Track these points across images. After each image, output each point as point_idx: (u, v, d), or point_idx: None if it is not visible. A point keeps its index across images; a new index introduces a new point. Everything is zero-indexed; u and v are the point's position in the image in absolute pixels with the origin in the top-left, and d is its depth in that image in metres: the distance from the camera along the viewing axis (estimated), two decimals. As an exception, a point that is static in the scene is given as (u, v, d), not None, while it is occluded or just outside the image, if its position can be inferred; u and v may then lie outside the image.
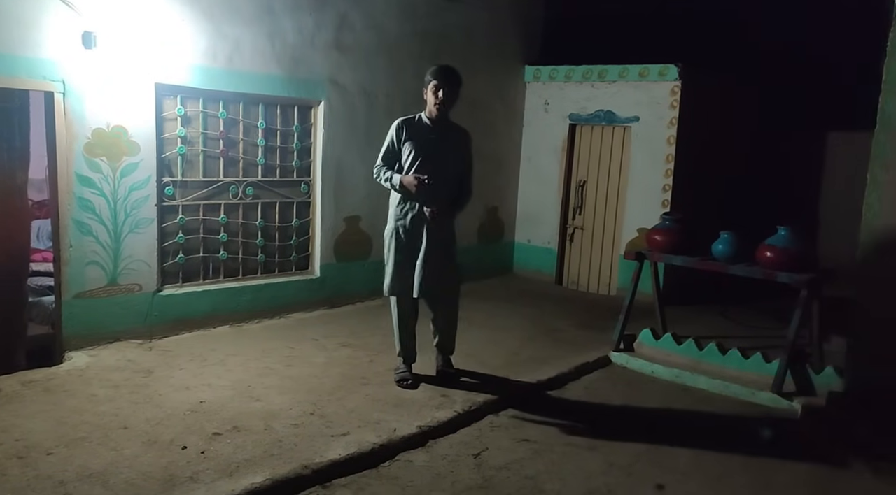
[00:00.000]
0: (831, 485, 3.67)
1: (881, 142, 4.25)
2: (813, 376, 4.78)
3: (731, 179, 7.90)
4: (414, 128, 4.44)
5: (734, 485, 3.61)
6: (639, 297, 5.93)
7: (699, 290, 7.03)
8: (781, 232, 5.06)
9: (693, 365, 5.22)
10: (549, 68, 7.84)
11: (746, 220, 5.61)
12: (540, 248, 8.16)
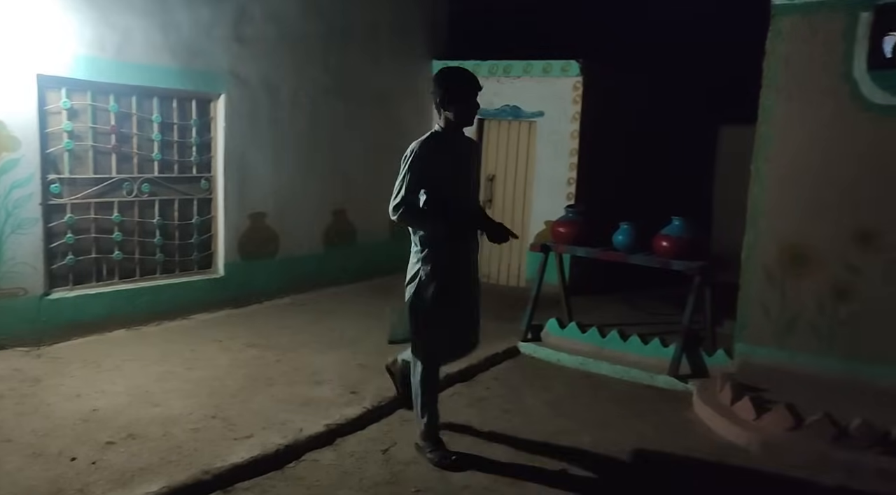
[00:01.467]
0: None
1: (762, 135, 4.53)
2: (706, 358, 5.04)
3: (632, 172, 8.19)
4: (439, 146, 3.54)
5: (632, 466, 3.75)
6: (547, 288, 6.09)
7: (605, 280, 7.27)
8: (675, 222, 5.29)
9: (596, 352, 5.39)
10: (457, 63, 7.87)
11: (647, 211, 5.85)
12: (451, 242, 8.20)
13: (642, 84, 8.14)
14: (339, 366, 4.88)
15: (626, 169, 8.06)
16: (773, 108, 4.44)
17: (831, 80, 4.22)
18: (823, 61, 4.23)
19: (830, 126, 4.26)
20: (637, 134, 8.25)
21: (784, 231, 4.50)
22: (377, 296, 6.97)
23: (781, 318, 4.55)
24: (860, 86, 4.15)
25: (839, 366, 4.37)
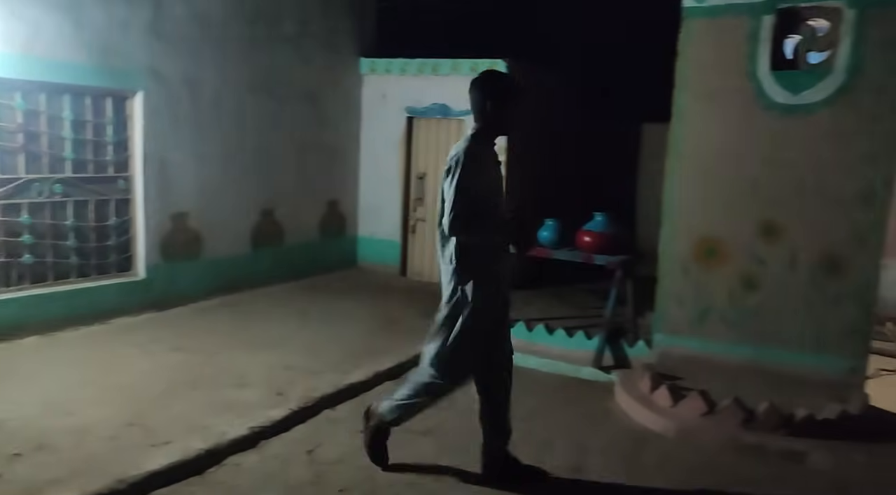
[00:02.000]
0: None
1: (676, 134, 4.69)
2: (628, 350, 5.21)
3: (559, 169, 8.37)
4: (482, 154, 3.27)
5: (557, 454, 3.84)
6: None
7: (535, 276, 7.41)
8: (598, 217, 5.45)
9: (524, 346, 5.47)
10: (386, 61, 7.88)
11: (574, 208, 5.98)
12: (384, 241, 8.20)
13: (568, 83, 8.33)
14: (265, 368, 4.81)
15: (553, 166, 8.22)
16: (685, 108, 4.61)
17: (737, 80, 4.41)
18: (730, 62, 4.41)
19: (737, 124, 4.46)
20: (563, 132, 8.43)
21: (696, 225, 4.68)
22: (307, 296, 6.91)
23: (695, 309, 4.73)
24: (764, 85, 4.35)
25: (748, 352, 4.58)
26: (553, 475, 3.59)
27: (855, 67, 4.11)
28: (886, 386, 4.93)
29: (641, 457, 3.85)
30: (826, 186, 4.30)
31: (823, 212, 4.32)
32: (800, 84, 4.29)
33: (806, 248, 4.39)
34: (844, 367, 4.33)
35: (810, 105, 4.26)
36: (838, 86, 4.17)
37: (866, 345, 4.33)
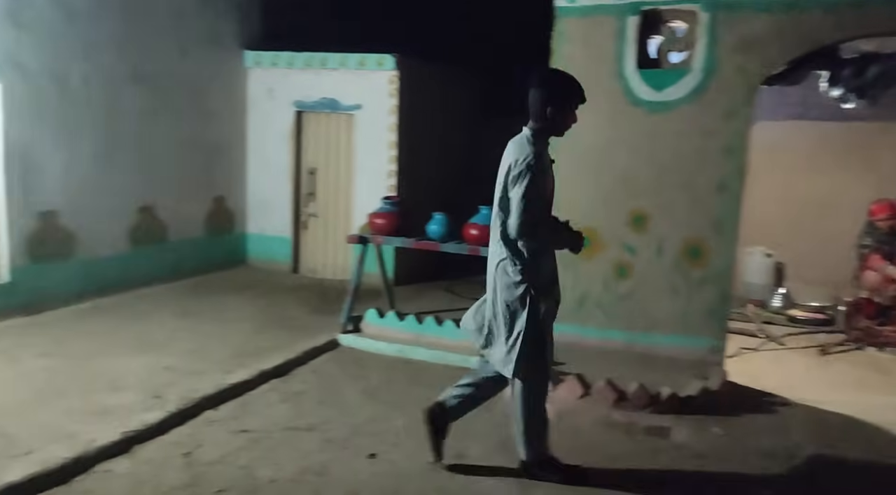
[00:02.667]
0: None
1: (552, 128, 4.87)
2: (513, 338, 5.37)
3: (452, 162, 8.49)
4: (545, 156, 3.32)
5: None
6: (371, 279, 6.19)
7: (430, 269, 7.50)
8: (483, 211, 5.56)
9: (415, 339, 5.55)
10: (272, 54, 7.72)
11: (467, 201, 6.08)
12: (274, 238, 8.05)
13: (459, 77, 8.44)
14: (143, 371, 4.63)
15: (446, 160, 8.33)
16: (561, 103, 4.80)
17: (607, 78, 4.64)
18: (600, 60, 4.64)
19: (609, 120, 4.69)
20: (455, 126, 8.55)
21: (573, 216, 4.83)
22: (192, 297, 6.69)
23: (573, 297, 4.94)
24: (631, 83, 4.60)
25: (621, 336, 4.84)
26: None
27: (710, 67, 4.42)
28: (746, 363, 5.34)
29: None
30: (688, 179, 4.60)
31: (686, 203, 4.63)
32: (663, 82, 4.56)
33: (671, 237, 4.68)
34: (706, 347, 4.66)
35: (672, 102, 4.55)
36: (696, 84, 4.48)
37: (725, 326, 4.68)
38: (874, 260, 6.05)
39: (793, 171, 6.88)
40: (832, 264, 6.85)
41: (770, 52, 4.29)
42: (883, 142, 6.81)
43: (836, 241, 6.85)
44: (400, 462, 3.69)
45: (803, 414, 4.23)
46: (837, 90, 5.04)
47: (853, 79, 4.81)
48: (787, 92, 6.62)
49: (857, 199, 6.72)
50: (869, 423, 4.13)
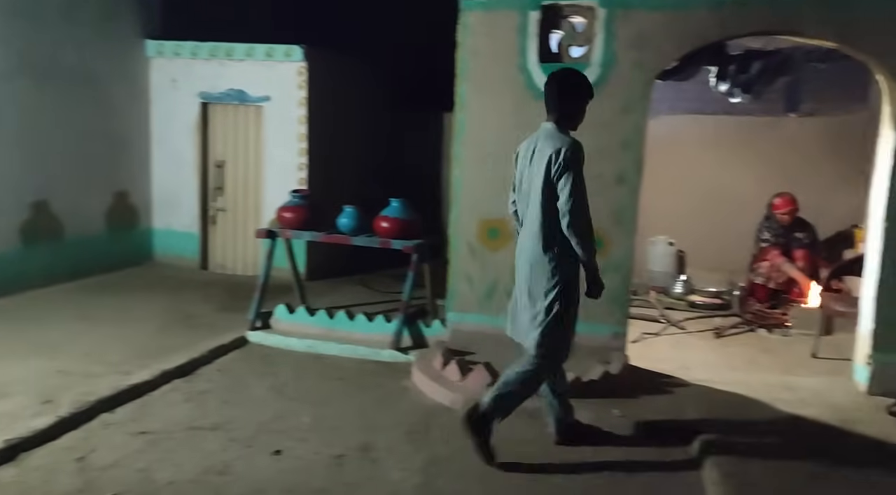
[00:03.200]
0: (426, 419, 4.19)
1: (459, 121, 4.93)
2: (425, 330, 5.40)
3: (364, 155, 8.43)
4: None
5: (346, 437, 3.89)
6: (283, 275, 6.08)
7: (345, 264, 7.43)
8: (394, 203, 5.58)
9: (326, 333, 5.49)
10: (174, 44, 7.44)
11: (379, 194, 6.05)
12: (182, 233, 7.78)
13: (369, 69, 8.38)
14: (33, 376, 4.40)
15: (358, 153, 8.27)
16: (466, 97, 4.85)
17: (510, 72, 4.71)
18: (503, 54, 4.70)
19: (512, 113, 4.76)
20: (368, 119, 8.49)
21: (480, 208, 4.96)
22: (92, 297, 6.39)
23: (482, 287, 5.01)
24: (533, 77, 4.69)
25: (530, 325, 4.93)
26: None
27: (608, 62, 4.56)
28: (648, 347, 5.56)
29: (429, 431, 4.02)
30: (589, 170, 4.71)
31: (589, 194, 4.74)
32: (564, 76, 4.66)
33: (575, 227, 4.80)
34: (609, 333, 4.82)
35: (573, 96, 4.66)
36: (595, 78, 4.58)
37: (626, 313, 4.85)
38: (773, 255, 6.38)
39: (692, 164, 7.21)
40: (729, 252, 7.23)
41: (663, 47, 4.46)
42: (770, 135, 7.23)
43: (732, 230, 7.24)
44: (306, 457, 3.65)
45: (698, 394, 4.45)
46: (724, 85, 5.31)
47: (738, 74, 5.08)
48: (684, 87, 6.92)
49: (750, 190, 7.12)
50: (757, 400, 4.38)
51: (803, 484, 3.36)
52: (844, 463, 3.56)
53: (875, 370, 4.42)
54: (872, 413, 4.16)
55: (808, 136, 7.19)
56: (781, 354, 5.47)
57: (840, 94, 6.99)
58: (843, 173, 7.09)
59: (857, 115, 7.01)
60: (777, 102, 7.13)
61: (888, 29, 4.16)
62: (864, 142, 6.77)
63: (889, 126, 4.34)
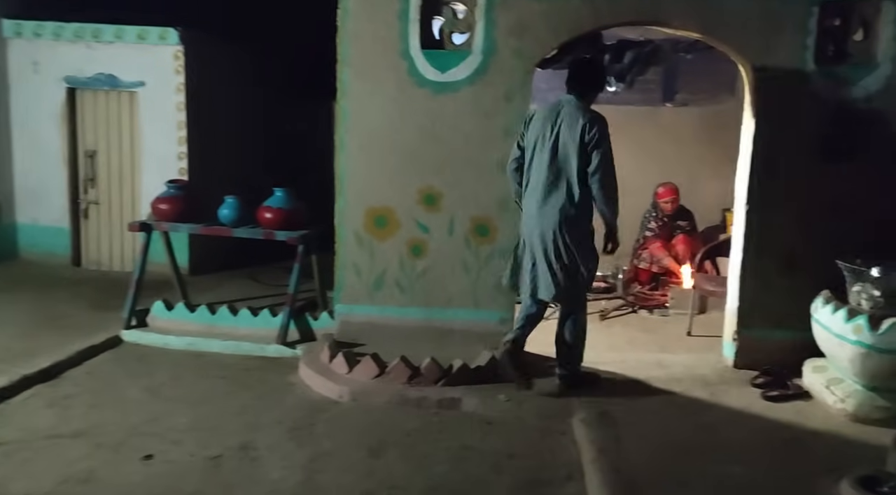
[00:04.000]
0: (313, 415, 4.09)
1: (343, 108, 4.81)
2: (312, 323, 5.27)
3: (249, 144, 8.11)
4: None
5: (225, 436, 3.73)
6: (163, 270, 5.77)
7: (232, 257, 7.13)
8: (278, 193, 5.39)
9: (207, 330, 5.25)
10: (35, 24, 6.86)
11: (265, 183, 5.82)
12: (50, 228, 7.22)
13: (253, 55, 8.05)
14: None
15: (243, 141, 7.96)
16: (349, 83, 4.74)
17: (392, 58, 4.65)
18: (385, 39, 4.63)
19: (395, 100, 4.70)
20: (253, 106, 8.17)
21: (367, 196, 4.88)
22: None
23: (371, 277, 4.94)
24: (416, 63, 4.65)
25: (419, 313, 4.91)
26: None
27: (489, 49, 4.58)
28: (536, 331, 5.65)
29: (314, 426, 3.92)
30: (474, 158, 4.75)
31: (473, 181, 4.77)
32: (447, 63, 4.65)
33: (461, 215, 4.81)
34: (497, 319, 4.87)
35: (456, 83, 4.66)
36: (477, 66, 4.62)
37: (512, 299, 4.91)
38: (655, 248, 6.71)
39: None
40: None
41: (541, 36, 4.52)
42: (649, 124, 7.53)
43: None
44: (180, 460, 3.47)
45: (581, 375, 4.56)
46: (601, 75, 5.46)
47: (613, 64, 5.25)
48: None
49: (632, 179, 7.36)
50: (636, 379, 4.55)
51: (672, 455, 3.51)
52: (711, 434, 3.76)
53: (740, 345, 4.70)
54: (738, 386, 4.42)
55: (684, 126, 7.54)
56: (659, 333, 5.72)
57: (710, 85, 7.39)
58: (715, 161, 7.48)
59: (726, 105, 7.43)
60: (655, 92, 7.45)
61: (747, 21, 4.41)
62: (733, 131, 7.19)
63: (750, 115, 4.60)
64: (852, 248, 4.29)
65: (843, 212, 4.48)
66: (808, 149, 4.45)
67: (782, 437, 3.73)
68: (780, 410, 4.07)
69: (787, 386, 4.26)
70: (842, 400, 3.93)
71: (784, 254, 4.57)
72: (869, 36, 4.37)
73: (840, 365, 4.02)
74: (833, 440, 3.68)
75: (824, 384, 4.11)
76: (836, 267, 4.17)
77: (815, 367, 4.31)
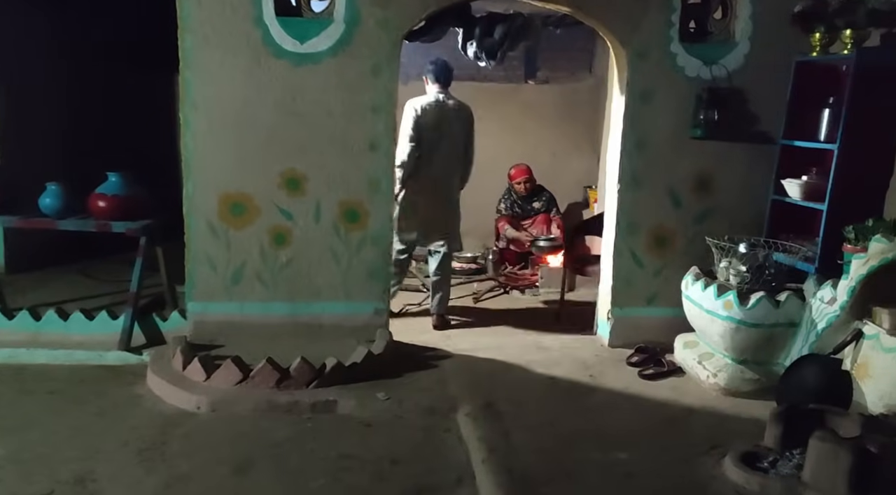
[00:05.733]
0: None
1: (186, 81, 4.23)
2: (161, 324, 4.67)
3: (78, 124, 7.11)
4: None
5: (56, 467, 3.14)
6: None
7: (58, 251, 6.21)
8: (113, 178, 4.72)
9: (31, 339, 4.48)
10: None
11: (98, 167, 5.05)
12: None
13: (79, 21, 7.04)
14: None
15: (69, 121, 6.95)
16: (193, 52, 4.17)
17: (244, 25, 4.13)
18: (234, 4, 4.10)
19: (249, 72, 4.20)
20: (84, 79, 7.16)
21: (220, 180, 4.35)
22: None
23: (228, 270, 4.44)
24: (271, 32, 4.17)
25: (284, 309, 4.50)
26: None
27: (352, 19, 4.19)
28: (412, 320, 5.43)
29: (167, 445, 3.42)
30: (340, 137, 4.36)
31: (340, 162, 4.40)
32: (306, 33, 4.21)
33: (328, 200, 4.43)
34: (371, 310, 4.56)
35: (316, 54, 4.23)
36: (340, 36, 4.21)
37: (387, 288, 4.62)
38: (500, 225, 6.93)
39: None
40: (480, 217, 7.41)
41: (408, 6, 4.19)
42: (513, 102, 7.49)
43: (483, 197, 7.42)
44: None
45: (459, 366, 4.38)
46: (471, 49, 5.26)
47: (483, 38, 5.05)
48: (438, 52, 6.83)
49: (498, 157, 7.36)
50: (514, 364, 4.43)
51: (561, 446, 3.40)
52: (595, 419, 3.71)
53: (614, 324, 4.72)
54: (615, 366, 4.42)
55: (545, 103, 7.56)
56: (533, 314, 5.68)
57: (569, 64, 7.45)
58: (576, 138, 7.61)
59: (584, 83, 7.54)
60: (518, 70, 7.39)
61: (616, -3, 4.34)
62: (593, 108, 7.30)
63: (619, 92, 4.57)
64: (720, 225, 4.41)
65: (711, 190, 4.58)
66: (675, 126, 4.49)
67: (662, 417, 3.74)
68: (656, 388, 4.11)
69: (661, 364, 4.32)
70: (714, 375, 4.02)
71: (654, 232, 4.62)
72: (728, 14, 4.45)
73: (711, 340, 4.11)
74: (710, 416, 3.74)
75: (696, 359, 4.19)
76: (705, 243, 4.25)
77: (686, 343, 4.40)
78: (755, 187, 4.58)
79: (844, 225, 3.80)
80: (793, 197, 4.33)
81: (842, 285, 3.62)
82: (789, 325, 3.90)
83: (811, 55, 4.29)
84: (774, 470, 3.02)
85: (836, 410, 3.21)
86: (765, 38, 4.41)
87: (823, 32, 4.17)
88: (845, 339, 3.58)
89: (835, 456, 2.79)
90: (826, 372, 3.53)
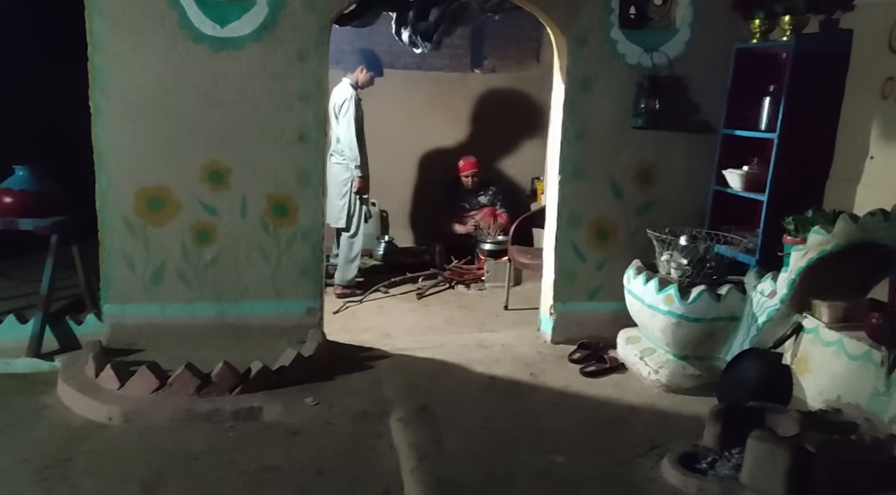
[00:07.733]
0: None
1: (95, 66, 3.92)
2: (76, 328, 4.36)
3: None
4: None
5: None
6: None
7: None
8: (20, 172, 4.37)
9: (-70, 348, 4.15)
10: None
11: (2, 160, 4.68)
12: None
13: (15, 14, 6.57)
14: None
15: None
16: (102, 35, 3.86)
17: (157, 5, 3.84)
18: (146, -18, 3.81)
19: (165, 57, 3.91)
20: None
21: (136, 174, 4.06)
22: None
23: (147, 270, 4.15)
24: (189, 14, 3.88)
25: (210, 310, 4.24)
26: None
27: (276, 1, 3.93)
28: (351, 317, 5.24)
29: (72, 461, 3.15)
30: (265, 127, 4.12)
31: (266, 155, 4.15)
32: (226, 16, 3.93)
33: (255, 193, 4.18)
34: (302, 310, 4.33)
35: (239, 39, 3.96)
36: (263, 20, 3.95)
37: (320, 285, 4.39)
38: (451, 223, 6.80)
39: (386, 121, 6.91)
40: (427, 211, 7.23)
41: (337, -13, 3.98)
42: (459, 92, 7.29)
43: (430, 189, 7.25)
44: None
45: (396, 366, 4.19)
46: (405, 33, 5.04)
47: (418, 21, 4.83)
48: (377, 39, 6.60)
49: (446, 148, 7.19)
50: (454, 364, 4.26)
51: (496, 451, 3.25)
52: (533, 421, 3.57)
53: (557, 320, 4.58)
54: (557, 363, 4.29)
55: (492, 93, 7.38)
56: (477, 309, 5.54)
57: (516, 52, 7.29)
58: (523, 129, 7.45)
59: (531, 72, 7.38)
60: (464, 58, 7.20)
61: (555, -18, 4.18)
62: (539, 98, 7.16)
63: (560, 80, 4.41)
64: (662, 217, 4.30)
65: (653, 180, 4.47)
66: (617, 115, 4.37)
67: (603, 417, 3.62)
68: (598, 386, 3.98)
69: (603, 360, 4.20)
70: (655, 371, 3.92)
71: (596, 225, 4.49)
72: (668, 0, 4.33)
73: (652, 335, 4.00)
74: (650, 415, 3.63)
75: (638, 355, 4.09)
76: (647, 236, 4.14)
77: (628, 338, 4.30)
78: (697, 178, 4.49)
79: (785, 216, 3.72)
80: (734, 187, 4.25)
81: (782, 278, 3.55)
82: (730, 319, 3.81)
83: (751, 42, 4.20)
84: (713, 471, 2.91)
85: (775, 407, 3.12)
86: (705, 25, 4.31)
87: (763, 19, 4.07)
88: (785, 333, 3.50)
89: (772, 457, 2.69)
90: (766, 367, 3.44)
